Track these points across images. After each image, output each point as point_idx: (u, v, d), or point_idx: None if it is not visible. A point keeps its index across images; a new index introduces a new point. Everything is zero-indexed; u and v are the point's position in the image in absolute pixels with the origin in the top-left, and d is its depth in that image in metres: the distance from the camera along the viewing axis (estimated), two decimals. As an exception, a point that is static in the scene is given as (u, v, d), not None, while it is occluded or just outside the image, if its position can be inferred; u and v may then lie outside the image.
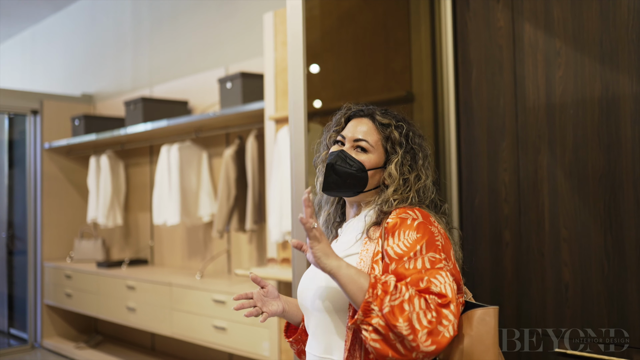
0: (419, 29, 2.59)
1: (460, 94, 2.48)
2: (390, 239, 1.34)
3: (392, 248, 1.32)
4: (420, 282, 1.24)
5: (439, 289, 1.22)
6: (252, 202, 3.68)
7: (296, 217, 1.90)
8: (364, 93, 2.65)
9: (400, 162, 1.49)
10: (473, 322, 1.34)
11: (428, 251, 1.30)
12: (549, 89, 2.21)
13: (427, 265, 1.27)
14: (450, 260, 1.33)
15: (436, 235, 1.35)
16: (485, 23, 2.41)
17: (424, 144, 1.56)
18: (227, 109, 3.69)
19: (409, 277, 1.25)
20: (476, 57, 2.43)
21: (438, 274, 1.25)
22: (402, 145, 1.51)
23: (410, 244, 1.31)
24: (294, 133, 1.87)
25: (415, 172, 1.49)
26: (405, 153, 1.51)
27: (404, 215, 1.37)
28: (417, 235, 1.32)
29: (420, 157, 1.52)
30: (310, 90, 2.54)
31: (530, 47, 2.28)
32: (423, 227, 1.34)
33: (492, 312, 1.36)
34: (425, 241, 1.31)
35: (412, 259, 1.28)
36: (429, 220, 1.38)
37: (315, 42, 2.58)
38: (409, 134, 1.53)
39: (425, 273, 1.25)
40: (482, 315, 1.35)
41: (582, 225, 2.09)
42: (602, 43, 2.09)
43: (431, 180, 1.52)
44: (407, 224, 1.35)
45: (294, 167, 1.88)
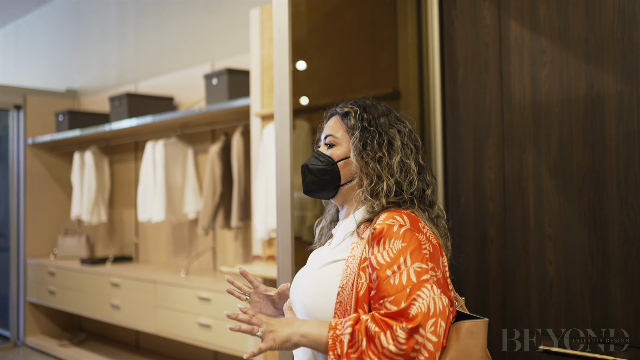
0: (406, 26, 2.58)
1: (447, 91, 2.48)
2: (376, 247, 1.29)
3: (376, 257, 1.27)
4: (403, 300, 1.19)
5: (417, 310, 1.17)
6: (238, 199, 3.67)
7: (281, 215, 1.89)
8: (350, 90, 2.65)
9: (359, 147, 1.42)
10: (460, 334, 1.29)
11: (414, 262, 1.24)
12: (535, 87, 2.22)
13: (413, 279, 1.22)
14: (438, 269, 1.28)
15: (423, 243, 1.29)
16: (471, 21, 2.41)
17: (392, 125, 1.45)
18: (212, 105, 3.67)
19: (392, 296, 1.21)
20: (462, 54, 2.43)
21: (424, 287, 1.21)
22: (357, 128, 1.44)
23: (394, 254, 1.26)
24: (279, 130, 1.85)
25: (377, 154, 1.41)
26: (361, 136, 1.43)
27: (390, 221, 1.30)
28: (402, 244, 1.27)
29: (382, 137, 1.42)
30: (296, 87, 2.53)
31: (516, 45, 2.28)
32: (409, 235, 1.28)
33: (481, 325, 1.31)
34: (410, 251, 1.25)
35: (397, 272, 1.23)
36: (417, 226, 1.32)
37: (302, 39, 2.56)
38: (364, 116, 1.45)
39: (410, 289, 1.20)
40: (470, 327, 1.29)
41: (567, 223, 2.10)
42: (587, 42, 2.10)
43: (401, 159, 1.41)
44: (394, 231, 1.29)
45: (279, 164, 1.87)
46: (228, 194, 3.85)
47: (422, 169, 1.44)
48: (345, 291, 1.30)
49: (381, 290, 1.23)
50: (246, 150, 3.70)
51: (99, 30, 5.63)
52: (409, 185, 1.39)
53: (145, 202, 4.37)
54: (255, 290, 1.53)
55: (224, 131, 4.06)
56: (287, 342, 1.27)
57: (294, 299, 1.43)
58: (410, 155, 1.42)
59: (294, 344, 1.27)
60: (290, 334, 1.27)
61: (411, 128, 1.49)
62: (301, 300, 1.38)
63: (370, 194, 1.39)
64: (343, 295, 1.30)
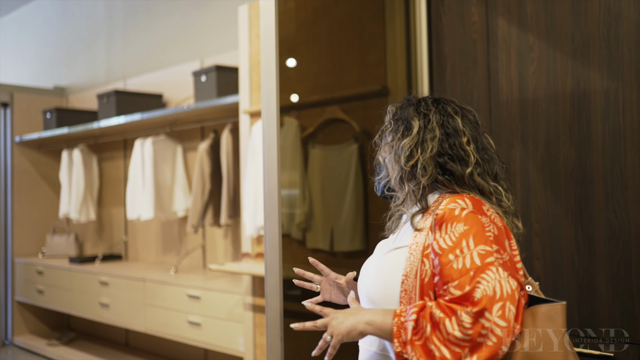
0: (394, 23, 2.58)
1: (435, 88, 2.48)
2: (438, 232, 1.26)
3: (438, 242, 1.24)
4: (467, 284, 1.15)
5: (481, 293, 1.12)
6: (227, 196, 3.66)
7: (269, 212, 1.89)
8: (339, 87, 2.64)
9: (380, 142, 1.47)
10: (537, 319, 1.22)
11: (477, 244, 1.20)
12: (522, 83, 2.22)
13: (477, 262, 1.17)
14: (505, 252, 1.23)
15: (487, 225, 1.24)
16: (459, 17, 2.41)
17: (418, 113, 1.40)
18: (201, 103, 3.66)
19: (456, 280, 1.17)
20: (450, 51, 2.44)
21: (488, 269, 1.16)
22: (383, 123, 1.49)
23: (456, 237, 1.22)
24: (267, 127, 1.85)
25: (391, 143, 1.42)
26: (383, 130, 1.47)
27: (452, 205, 1.27)
28: (464, 227, 1.23)
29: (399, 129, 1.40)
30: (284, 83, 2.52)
31: (503, 42, 2.28)
32: (471, 218, 1.24)
33: (559, 308, 1.24)
34: (472, 233, 1.21)
35: (460, 256, 1.19)
36: (481, 209, 1.27)
37: (290, 36, 2.56)
38: (391, 110, 1.47)
39: (474, 272, 1.16)
40: (547, 311, 1.23)
41: (554, 220, 2.10)
42: (573, 39, 2.10)
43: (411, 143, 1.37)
44: (455, 214, 1.25)
45: (266, 161, 1.86)
46: (217, 191, 3.84)
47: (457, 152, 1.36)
48: (409, 279, 1.28)
49: (444, 275, 1.20)
50: (235, 147, 3.69)
51: (87, 27, 5.59)
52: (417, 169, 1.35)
53: (134, 200, 4.35)
54: (326, 278, 1.59)
55: (213, 128, 4.05)
56: (353, 331, 1.25)
57: (360, 288, 1.43)
58: (431, 139, 1.36)
59: (360, 332, 1.25)
60: (355, 322, 1.25)
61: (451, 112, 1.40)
62: (367, 289, 1.38)
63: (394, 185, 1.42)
64: (407, 283, 1.28)
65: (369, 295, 1.36)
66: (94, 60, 5.49)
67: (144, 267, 4.48)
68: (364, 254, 2.55)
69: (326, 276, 1.59)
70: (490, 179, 1.39)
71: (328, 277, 1.59)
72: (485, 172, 1.38)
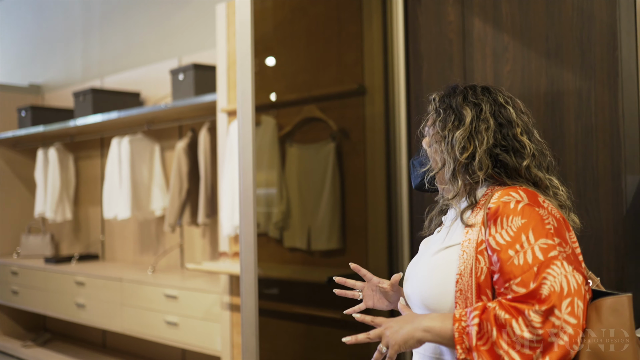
0: (371, 22, 2.59)
1: (411, 87, 2.49)
2: (493, 227, 1.18)
3: (495, 238, 1.17)
4: (532, 281, 1.08)
5: (548, 290, 1.06)
6: (205, 195, 3.64)
7: (244, 211, 1.88)
8: (316, 86, 2.65)
9: (429, 132, 1.39)
10: (602, 313, 1.14)
11: (537, 238, 1.13)
12: (497, 83, 2.24)
13: (540, 257, 1.10)
14: (567, 244, 1.16)
15: (545, 217, 1.17)
16: (436, 17, 2.42)
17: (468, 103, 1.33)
18: (179, 101, 3.63)
19: (518, 277, 1.10)
20: (427, 50, 2.45)
21: (553, 264, 1.09)
22: (430, 112, 1.40)
23: (514, 232, 1.15)
24: (242, 126, 1.84)
25: (442, 133, 1.33)
26: (432, 119, 1.38)
27: (506, 198, 1.20)
28: (522, 221, 1.15)
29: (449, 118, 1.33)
30: (261, 82, 2.52)
31: (479, 41, 2.30)
32: (528, 210, 1.17)
33: (625, 300, 1.15)
34: (532, 227, 1.14)
35: (520, 251, 1.12)
36: (537, 201, 1.20)
37: (268, 34, 2.55)
38: (438, 98, 1.39)
39: (538, 268, 1.09)
40: (612, 304, 1.14)
41: (528, 218, 2.13)
42: (547, 39, 2.13)
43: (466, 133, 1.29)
44: (510, 208, 1.18)
45: (241, 160, 1.86)
46: (195, 190, 3.82)
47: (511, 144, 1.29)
48: (464, 278, 1.21)
49: (505, 272, 1.13)
50: (213, 146, 3.67)
51: (63, 24, 5.52)
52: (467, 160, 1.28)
53: (111, 199, 4.31)
54: (368, 283, 1.50)
55: (191, 127, 4.03)
56: (410, 340, 1.17)
57: (408, 292, 1.36)
58: (486, 130, 1.29)
59: (418, 340, 1.18)
60: (412, 330, 1.17)
61: (503, 102, 1.34)
62: (418, 292, 1.30)
63: (444, 178, 1.33)
64: (462, 282, 1.21)
65: (421, 298, 1.29)
66: (71, 57, 5.42)
67: (121, 267, 4.44)
68: (340, 252, 2.56)
69: (368, 281, 1.50)
70: (545, 172, 1.33)
71: (370, 282, 1.50)
72: (540, 165, 1.32)
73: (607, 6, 2.00)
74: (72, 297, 4.30)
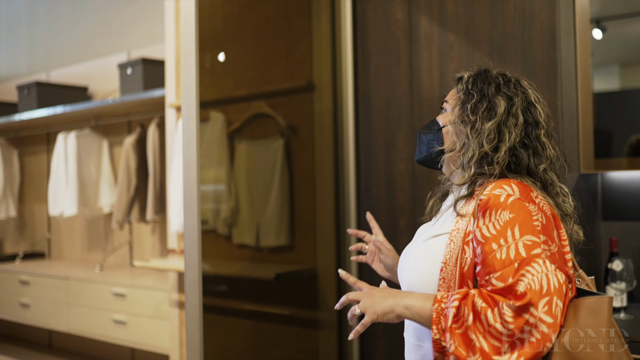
0: (320, 18, 2.60)
1: (359, 84, 2.51)
2: (481, 219, 1.18)
3: (481, 230, 1.17)
4: (511, 276, 1.08)
5: (525, 287, 1.06)
6: (154, 191, 3.58)
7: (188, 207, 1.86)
8: (265, 82, 2.64)
9: (457, 112, 1.33)
10: (580, 312, 1.13)
11: (523, 234, 1.12)
12: (443, 81, 2.28)
13: (522, 253, 1.10)
14: (553, 242, 1.15)
15: (534, 213, 1.16)
16: (383, 15, 2.44)
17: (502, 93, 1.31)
18: (127, 96, 3.56)
19: (498, 271, 1.10)
20: (375, 48, 2.47)
21: (534, 262, 1.08)
22: (461, 91, 1.35)
23: (501, 226, 1.14)
24: (186, 121, 1.82)
25: (471, 117, 1.29)
26: (463, 99, 1.33)
27: (498, 191, 1.19)
28: (510, 215, 1.15)
29: (482, 102, 1.30)
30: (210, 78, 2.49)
31: (426, 40, 2.33)
32: (518, 205, 1.16)
33: (605, 301, 1.14)
34: (519, 222, 1.14)
35: (504, 246, 1.12)
36: (528, 195, 1.19)
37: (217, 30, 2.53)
38: (472, 80, 1.35)
39: (518, 264, 1.09)
40: (591, 304, 1.13)
41: (472, 214, 2.17)
42: (491, 38, 2.17)
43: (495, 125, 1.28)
44: (500, 201, 1.17)
45: (185, 156, 1.84)
46: (143, 186, 3.76)
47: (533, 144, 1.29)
48: (449, 267, 1.22)
49: (487, 265, 1.13)
50: (162, 142, 3.62)
51: (7, 15, 5.34)
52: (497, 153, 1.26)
53: (57, 195, 4.20)
54: (375, 237, 1.57)
55: (140, 122, 3.95)
56: (391, 313, 1.19)
57: (400, 275, 1.38)
58: (514, 125, 1.28)
59: (397, 315, 1.19)
60: (394, 304, 1.19)
61: (533, 100, 1.33)
62: (406, 276, 1.32)
63: (459, 164, 1.32)
64: (446, 271, 1.22)
65: (408, 282, 1.31)
66: (15, 50, 5.25)
67: (67, 265, 4.33)
68: (289, 249, 2.56)
69: (375, 235, 1.57)
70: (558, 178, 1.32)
71: (376, 236, 1.56)
72: (555, 169, 1.32)
73: (547, 7, 2.06)
74: (16, 296, 4.18)
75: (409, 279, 1.31)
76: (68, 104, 3.99)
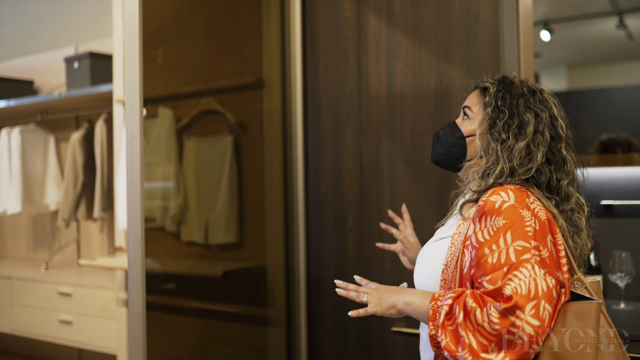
0: (270, 15, 2.59)
1: (308, 81, 2.51)
2: (478, 224, 1.23)
3: (476, 235, 1.22)
4: (500, 279, 1.13)
5: (511, 291, 1.09)
6: (101, 188, 3.51)
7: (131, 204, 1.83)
8: (214, 78, 2.61)
9: (486, 125, 1.35)
10: (567, 316, 1.17)
11: (515, 240, 1.16)
12: (390, 79, 2.30)
13: (512, 258, 1.14)
14: (545, 248, 1.18)
15: (527, 220, 1.19)
16: (332, 13, 2.45)
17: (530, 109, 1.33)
18: (73, 91, 3.48)
19: (489, 275, 1.15)
20: (324, 45, 2.47)
21: (523, 267, 1.12)
22: (490, 106, 1.36)
23: (494, 231, 1.19)
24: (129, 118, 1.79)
25: (502, 135, 1.32)
26: (492, 115, 1.35)
27: (494, 197, 1.23)
28: (503, 221, 1.19)
29: (513, 120, 1.32)
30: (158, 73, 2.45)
31: (374, 38, 2.35)
32: (512, 212, 1.20)
33: (593, 306, 1.17)
34: (511, 228, 1.18)
35: (496, 251, 1.17)
36: (523, 201, 1.22)
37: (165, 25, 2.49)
38: (501, 94, 1.36)
39: (507, 269, 1.13)
40: (578, 309, 1.17)
41: (418, 210, 2.20)
42: (437, 37, 2.20)
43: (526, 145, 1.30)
44: (495, 207, 1.21)
45: (129, 153, 1.81)
46: (91, 183, 3.68)
47: (558, 160, 1.32)
48: (449, 269, 1.28)
49: (480, 268, 1.18)
50: (110, 138, 3.54)
51: (-52, 5, 5.15)
52: (526, 172, 1.28)
53: (1, 192, 4.07)
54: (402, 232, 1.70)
55: (88, 118, 3.87)
56: (392, 309, 1.28)
57: (414, 272, 1.45)
58: (542, 144, 1.31)
59: (399, 311, 1.27)
60: (396, 300, 1.27)
61: (556, 114, 1.35)
62: (415, 274, 1.40)
63: (482, 174, 1.33)
64: (447, 272, 1.29)
65: (416, 280, 1.39)
66: (-43, 41, 5.06)
67: (11, 264, 4.20)
68: (238, 246, 2.55)
69: (404, 229, 1.69)
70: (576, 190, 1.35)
71: (405, 230, 1.69)
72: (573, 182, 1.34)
73: (492, 8, 2.10)
74: (-43, 297, 4.04)
75: (417, 277, 1.40)
76: (12, 98, 3.87)
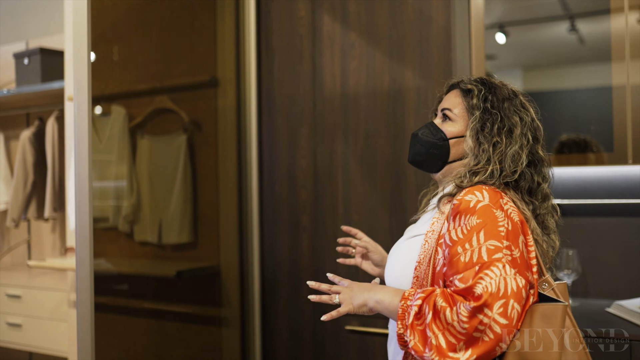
0: (224, 13, 2.57)
1: (263, 81, 2.51)
2: (452, 222, 1.24)
3: (450, 233, 1.23)
4: (471, 278, 1.14)
5: (482, 289, 1.10)
6: (52, 187, 3.43)
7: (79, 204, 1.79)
8: (169, 76, 2.58)
9: (477, 128, 1.35)
10: (534, 317, 1.19)
11: (487, 239, 1.17)
12: (345, 79, 2.31)
13: (484, 257, 1.15)
14: (516, 248, 1.19)
15: (500, 220, 1.20)
16: (287, 13, 2.45)
17: (516, 112, 1.36)
18: (23, 87, 3.39)
19: (461, 273, 1.15)
20: (279, 45, 2.47)
21: (494, 266, 1.13)
22: (479, 109, 1.36)
23: (467, 230, 1.20)
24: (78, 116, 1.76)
25: (494, 138, 1.33)
26: (482, 117, 1.36)
27: (469, 197, 1.24)
28: (477, 220, 1.20)
29: (503, 123, 1.34)
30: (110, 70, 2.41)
31: (328, 38, 2.36)
32: (485, 211, 1.21)
33: (559, 308, 1.19)
34: (484, 228, 1.19)
35: (468, 250, 1.18)
36: (497, 202, 1.24)
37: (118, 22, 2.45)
38: (488, 97, 1.37)
39: (479, 268, 1.14)
40: (545, 311, 1.19)
41: (371, 210, 2.22)
42: (390, 38, 2.23)
43: (517, 150, 1.32)
44: (470, 207, 1.22)
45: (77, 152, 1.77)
46: (41, 182, 3.59)
47: (537, 161, 1.35)
48: (422, 266, 1.28)
49: (452, 267, 1.19)
50: (61, 136, 3.47)
51: None
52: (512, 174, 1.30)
53: (-54, 192, 3.94)
54: (362, 240, 1.65)
55: (39, 116, 3.77)
56: (364, 307, 1.27)
57: (385, 270, 1.43)
58: (525, 146, 1.33)
59: (370, 309, 1.27)
60: (367, 298, 1.26)
61: (534, 116, 1.38)
62: (387, 272, 1.39)
63: (468, 172, 1.33)
64: (420, 270, 1.28)
65: (388, 278, 1.38)
66: None
67: (-42, 266, 4.07)
68: (192, 246, 2.53)
69: (359, 239, 1.66)
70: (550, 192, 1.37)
71: (362, 239, 1.65)
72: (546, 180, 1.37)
73: (444, 9, 2.13)
74: None
75: (388, 274, 1.38)
76: (-42, 95, 3.75)
